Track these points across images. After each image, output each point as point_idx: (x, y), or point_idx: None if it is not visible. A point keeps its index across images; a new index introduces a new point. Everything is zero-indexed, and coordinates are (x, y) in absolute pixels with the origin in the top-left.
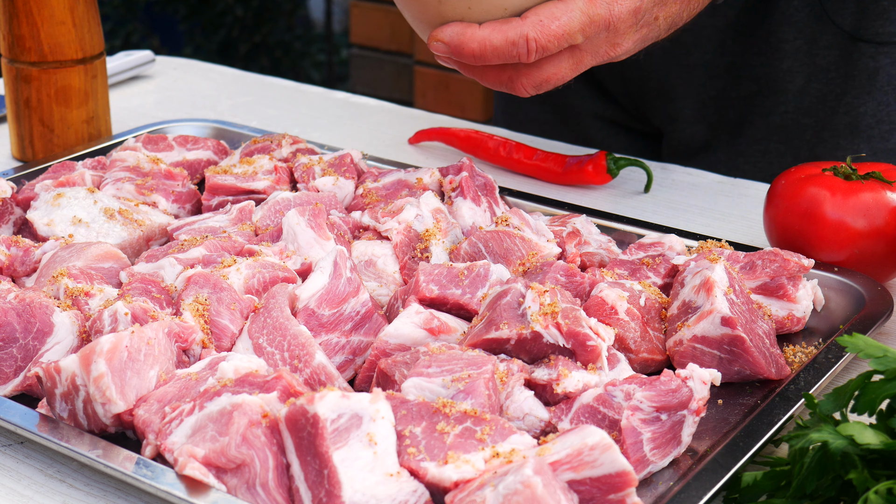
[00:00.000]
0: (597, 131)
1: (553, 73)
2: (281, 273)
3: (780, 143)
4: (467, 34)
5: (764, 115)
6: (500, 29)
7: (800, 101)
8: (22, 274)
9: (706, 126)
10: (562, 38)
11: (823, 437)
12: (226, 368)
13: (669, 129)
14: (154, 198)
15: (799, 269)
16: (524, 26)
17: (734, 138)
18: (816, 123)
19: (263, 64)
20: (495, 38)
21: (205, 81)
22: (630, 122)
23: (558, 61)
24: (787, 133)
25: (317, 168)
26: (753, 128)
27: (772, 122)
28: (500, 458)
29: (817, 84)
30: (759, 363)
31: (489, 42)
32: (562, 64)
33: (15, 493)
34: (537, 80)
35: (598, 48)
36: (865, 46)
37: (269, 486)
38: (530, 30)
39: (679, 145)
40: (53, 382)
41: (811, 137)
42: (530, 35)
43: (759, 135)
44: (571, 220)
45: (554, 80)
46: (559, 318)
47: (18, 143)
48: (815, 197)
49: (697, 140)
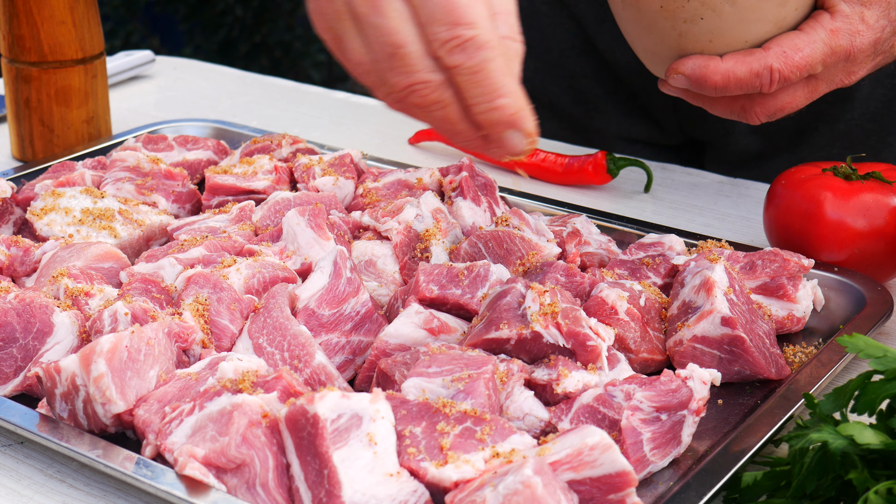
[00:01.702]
0: (623, 151)
1: (789, 102)
2: (281, 273)
3: (844, 149)
4: (710, 66)
5: (829, 123)
6: (743, 61)
7: (865, 107)
8: (22, 274)
9: (760, 136)
10: (804, 68)
11: (823, 437)
12: (226, 368)
13: (722, 142)
14: (154, 198)
15: (799, 269)
16: (768, 58)
17: (795, 146)
18: (881, 129)
19: (263, 64)
20: (739, 70)
21: (205, 81)
22: (661, 138)
23: (794, 90)
24: (851, 139)
25: (317, 168)
26: (817, 134)
27: (836, 129)
28: (500, 458)
29: (882, 89)
30: (759, 363)
31: (733, 74)
32: (797, 93)
33: (15, 493)
34: (772, 108)
35: (834, 77)
36: None
37: (269, 486)
38: (774, 61)
39: (731, 156)
40: (53, 382)
41: (876, 143)
42: (774, 66)
43: (822, 142)
44: (571, 220)
45: (789, 108)
46: (559, 318)
47: (18, 143)
48: (815, 197)
49: (750, 151)
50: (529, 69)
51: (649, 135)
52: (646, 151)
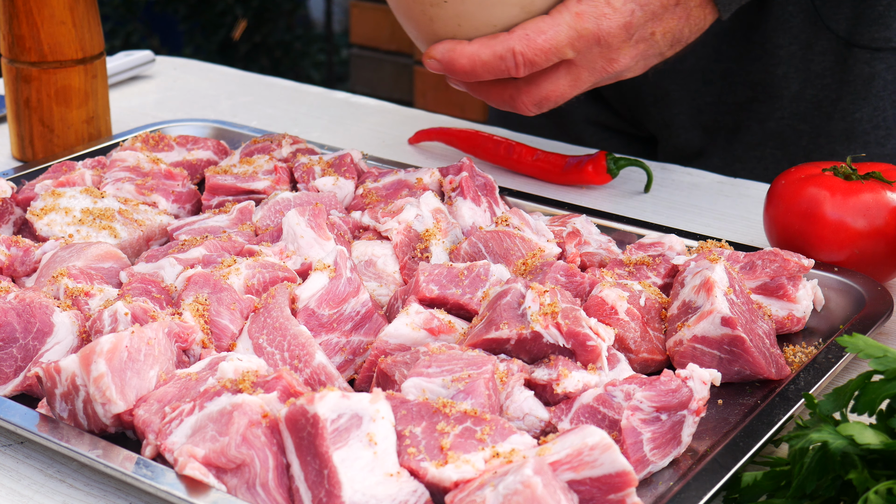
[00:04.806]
0: (591, 136)
1: (552, 91)
2: (281, 273)
3: (776, 149)
4: (457, 50)
5: (760, 121)
6: (487, 44)
7: (795, 106)
8: (22, 274)
9: (701, 131)
10: (549, 51)
11: (823, 437)
12: (226, 368)
13: (665, 135)
14: (154, 198)
15: (799, 269)
16: (511, 40)
17: (730, 144)
18: (812, 129)
19: (263, 64)
20: (483, 53)
21: (205, 81)
22: (625, 127)
23: (555, 78)
24: (783, 138)
25: (317, 168)
26: (749, 133)
27: (768, 127)
28: (500, 458)
29: (812, 90)
30: (759, 363)
31: (478, 57)
32: (559, 81)
33: (15, 493)
34: (536, 97)
35: (594, 64)
36: (861, 52)
37: (269, 486)
38: (517, 43)
39: (674, 151)
40: (53, 382)
41: (807, 143)
42: (517, 48)
43: (755, 140)
44: (571, 220)
45: (553, 97)
46: (559, 318)
47: (18, 143)
48: (815, 197)
49: (693, 146)
50: None
51: (615, 123)
52: (614, 140)
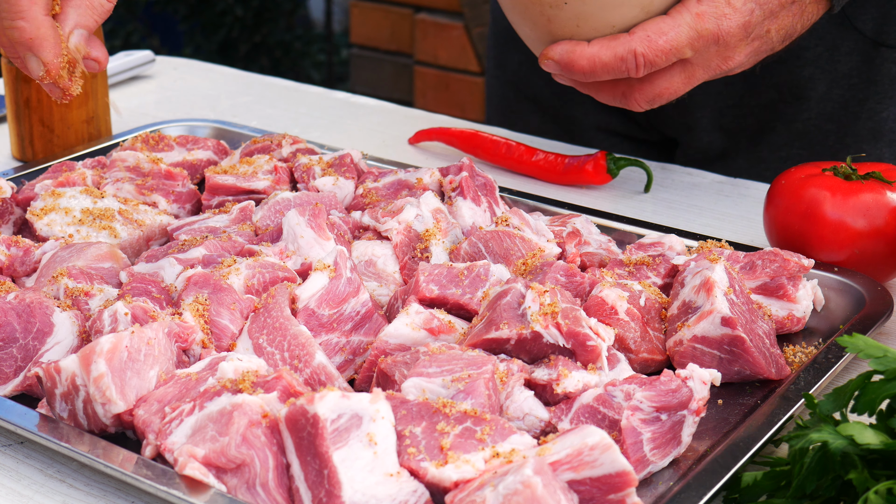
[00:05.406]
0: (600, 143)
1: (666, 88)
2: (281, 273)
3: (803, 150)
4: (577, 52)
5: (786, 122)
6: (608, 45)
7: (822, 107)
8: (22, 274)
9: (724, 134)
10: (669, 52)
11: (823, 438)
12: (226, 368)
13: (686, 139)
14: (154, 198)
15: (799, 269)
16: (632, 42)
17: (755, 145)
18: (839, 129)
19: (263, 64)
20: (604, 55)
21: (205, 81)
22: (636, 132)
23: (670, 76)
24: (809, 139)
25: (317, 168)
26: (775, 134)
27: (794, 128)
28: (500, 458)
29: (839, 90)
30: (759, 363)
31: (598, 58)
32: (674, 78)
33: (15, 493)
34: (650, 94)
35: (710, 62)
36: (887, 52)
37: (269, 486)
38: (638, 45)
39: (696, 153)
40: (53, 382)
41: (834, 143)
42: (638, 50)
43: (781, 141)
44: (571, 220)
45: (667, 94)
46: (559, 318)
47: (18, 143)
48: (815, 197)
49: (715, 148)
50: (514, 63)
51: (626, 129)
52: (625, 145)
